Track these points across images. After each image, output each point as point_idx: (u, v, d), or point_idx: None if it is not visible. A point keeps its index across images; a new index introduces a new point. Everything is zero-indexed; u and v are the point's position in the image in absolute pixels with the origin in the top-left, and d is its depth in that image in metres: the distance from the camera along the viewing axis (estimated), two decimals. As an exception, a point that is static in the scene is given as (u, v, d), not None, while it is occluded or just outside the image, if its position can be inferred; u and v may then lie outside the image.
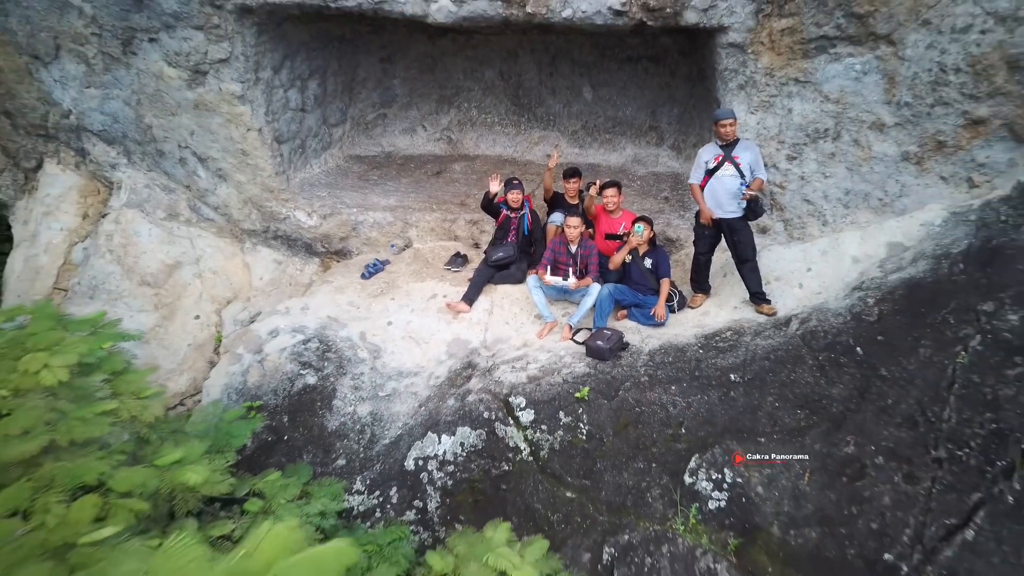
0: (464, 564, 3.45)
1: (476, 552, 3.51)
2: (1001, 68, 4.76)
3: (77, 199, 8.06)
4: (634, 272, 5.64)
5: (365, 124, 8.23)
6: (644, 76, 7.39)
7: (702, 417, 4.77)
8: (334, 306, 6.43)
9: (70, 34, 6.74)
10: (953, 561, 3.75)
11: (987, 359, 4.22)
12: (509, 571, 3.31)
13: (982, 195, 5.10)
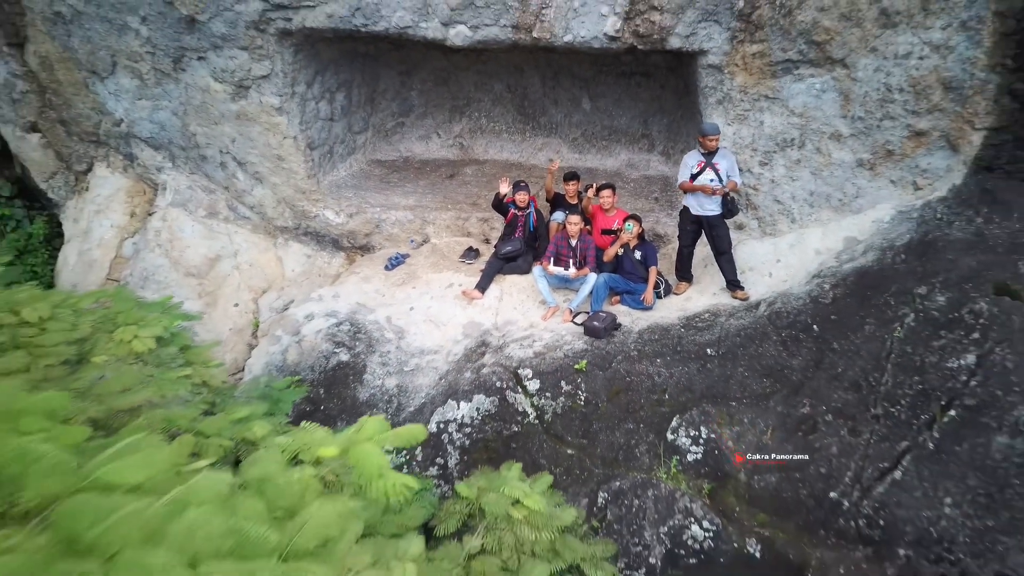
0: (485, 494, 4.24)
1: (494, 485, 4.30)
2: (937, 88, 5.54)
3: (125, 199, 8.85)
4: (626, 263, 6.43)
5: (385, 131, 9.02)
6: (637, 89, 8.19)
7: (683, 385, 5.57)
8: (362, 294, 7.21)
9: (126, 52, 7.52)
10: (884, 496, 4.54)
11: (918, 333, 5.01)
12: (521, 498, 4.09)
13: (924, 196, 5.88)
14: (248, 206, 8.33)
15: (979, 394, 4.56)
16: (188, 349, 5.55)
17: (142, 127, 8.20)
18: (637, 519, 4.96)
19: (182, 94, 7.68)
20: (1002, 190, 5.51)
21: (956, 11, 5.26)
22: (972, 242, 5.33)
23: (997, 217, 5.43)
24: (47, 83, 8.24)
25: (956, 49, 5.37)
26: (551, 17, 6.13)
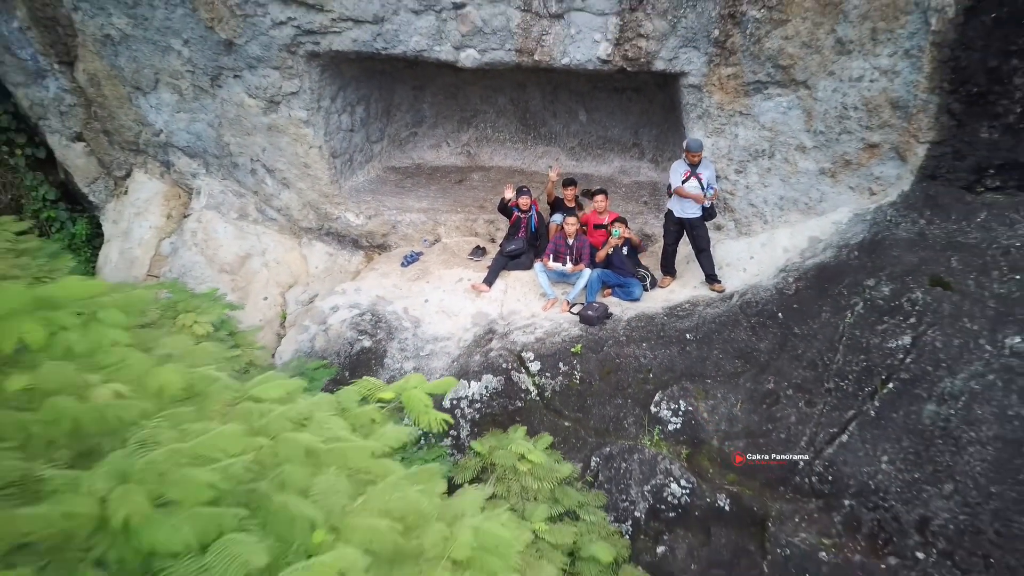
0: (495, 450, 5.02)
1: (503, 443, 5.09)
2: (886, 107, 6.31)
3: (162, 202, 9.62)
4: (615, 260, 7.20)
5: (400, 140, 9.80)
6: (628, 103, 8.95)
7: (665, 365, 6.34)
8: (381, 288, 7.98)
9: (168, 70, 8.29)
10: (833, 456, 5.31)
11: (866, 319, 5.78)
12: (525, 453, 4.87)
13: (877, 200, 6.65)
14: (275, 209, 9.10)
15: (913, 370, 5.34)
16: (235, 334, 6.35)
17: (179, 137, 8.97)
18: (624, 479, 5.73)
19: (218, 108, 8.44)
20: (942, 196, 6.28)
21: (900, 41, 6.02)
22: (915, 241, 6.10)
23: (937, 219, 6.20)
24: (94, 97, 8.99)
25: (901, 74, 6.13)
26: (550, 42, 6.90)
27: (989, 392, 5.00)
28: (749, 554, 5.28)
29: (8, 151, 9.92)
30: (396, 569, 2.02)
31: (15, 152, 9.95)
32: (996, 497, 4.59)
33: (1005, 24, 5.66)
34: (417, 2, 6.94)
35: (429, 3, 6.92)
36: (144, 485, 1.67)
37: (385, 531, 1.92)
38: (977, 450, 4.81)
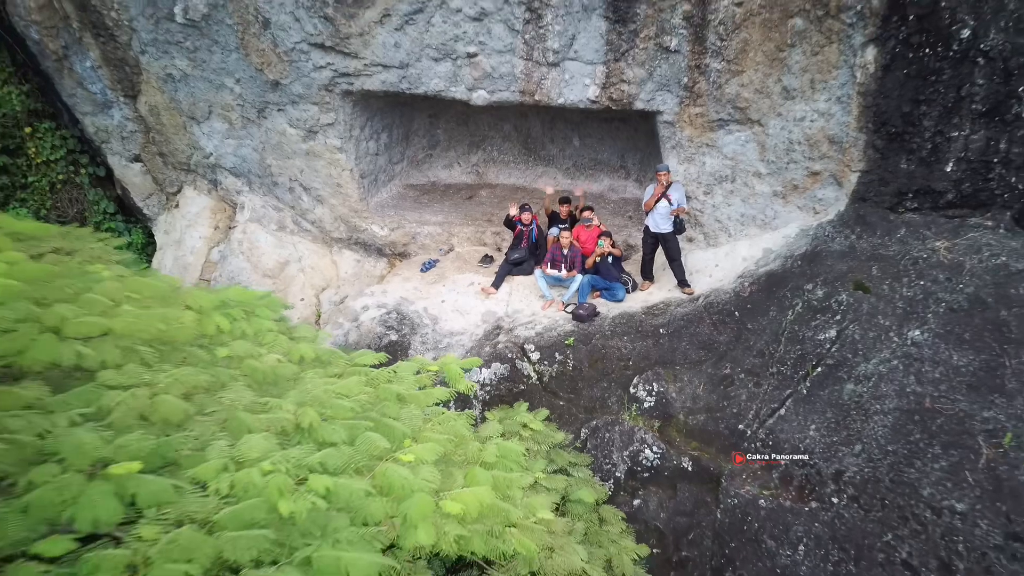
0: (503, 420, 6.27)
1: (509, 415, 6.35)
2: (824, 142, 7.56)
3: (210, 216, 10.88)
4: (603, 267, 8.45)
5: (417, 162, 11.06)
6: (616, 131, 10.21)
7: (642, 354, 7.59)
8: (404, 290, 9.23)
9: (221, 104, 9.55)
10: (773, 426, 6.56)
11: (803, 316, 7.04)
12: (528, 423, 6.13)
13: (819, 218, 7.90)
14: (310, 221, 10.36)
15: (836, 357, 6.60)
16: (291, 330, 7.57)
17: (227, 159, 10.23)
18: (608, 446, 6.99)
19: (262, 136, 9.70)
20: (870, 215, 7.53)
21: (833, 90, 7.27)
22: (846, 252, 7.36)
23: (865, 235, 7.45)
24: (153, 125, 10.26)
25: (835, 116, 7.38)
26: (548, 86, 8.16)
27: (893, 374, 6.26)
28: (706, 504, 6.53)
29: (74, 170, 11.19)
30: (450, 467, 3.28)
31: (80, 171, 11.22)
32: (892, 454, 5.85)
33: (914, 79, 6.91)
34: (437, 51, 8.20)
35: (446, 52, 8.18)
36: (314, 408, 2.93)
37: (444, 441, 3.18)
38: (880, 419, 6.07)
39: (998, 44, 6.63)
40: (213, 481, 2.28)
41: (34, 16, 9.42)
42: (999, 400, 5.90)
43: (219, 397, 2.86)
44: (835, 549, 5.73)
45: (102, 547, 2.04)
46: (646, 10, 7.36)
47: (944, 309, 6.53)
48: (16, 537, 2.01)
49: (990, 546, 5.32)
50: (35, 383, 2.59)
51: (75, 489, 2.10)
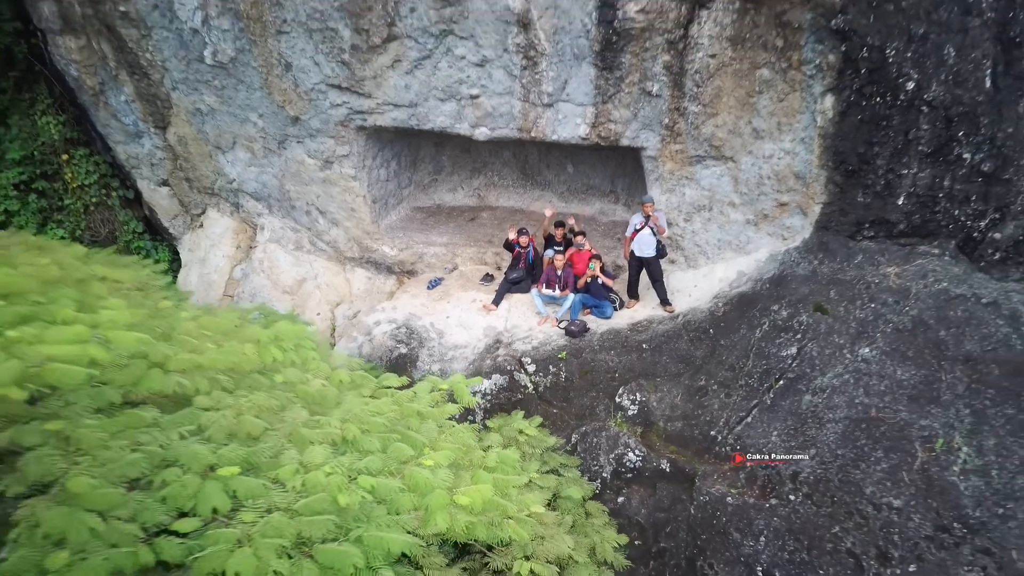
0: (502, 427, 7.09)
1: (507, 423, 7.16)
2: (790, 177, 8.39)
3: (232, 236, 11.70)
4: (593, 287, 9.27)
5: (423, 186, 11.89)
6: (606, 159, 11.03)
7: (627, 367, 8.41)
8: (412, 306, 10.04)
9: (245, 135, 10.38)
10: (741, 432, 7.37)
11: (769, 334, 7.86)
12: (524, 429, 6.95)
13: (787, 245, 8.72)
14: (325, 242, 11.18)
15: (797, 371, 7.42)
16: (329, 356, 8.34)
17: (249, 185, 11.06)
18: (595, 450, 7.80)
19: (282, 164, 10.53)
20: (832, 242, 8.36)
21: (797, 131, 8.10)
22: (808, 277, 8.18)
23: (827, 260, 8.28)
24: (180, 153, 11.09)
25: (799, 154, 8.21)
26: (543, 124, 8.99)
27: (844, 387, 7.08)
28: (682, 501, 7.35)
29: (106, 193, 12.02)
30: (459, 470, 4.10)
31: (111, 194, 12.05)
32: (841, 457, 6.67)
33: (867, 123, 7.73)
34: (443, 92, 9.03)
35: (452, 93, 9.01)
36: (355, 423, 3.75)
37: (455, 449, 4.01)
38: (832, 426, 6.89)
39: (939, 95, 7.47)
40: (290, 480, 3.11)
41: (74, 56, 10.26)
42: (935, 410, 6.73)
43: (282, 416, 3.68)
44: (791, 540, 6.55)
45: (217, 527, 2.86)
46: (630, 59, 8.18)
47: (891, 329, 7.36)
48: (159, 520, 2.83)
49: (922, 536, 6.15)
50: (149, 407, 3.42)
51: (195, 486, 2.92)
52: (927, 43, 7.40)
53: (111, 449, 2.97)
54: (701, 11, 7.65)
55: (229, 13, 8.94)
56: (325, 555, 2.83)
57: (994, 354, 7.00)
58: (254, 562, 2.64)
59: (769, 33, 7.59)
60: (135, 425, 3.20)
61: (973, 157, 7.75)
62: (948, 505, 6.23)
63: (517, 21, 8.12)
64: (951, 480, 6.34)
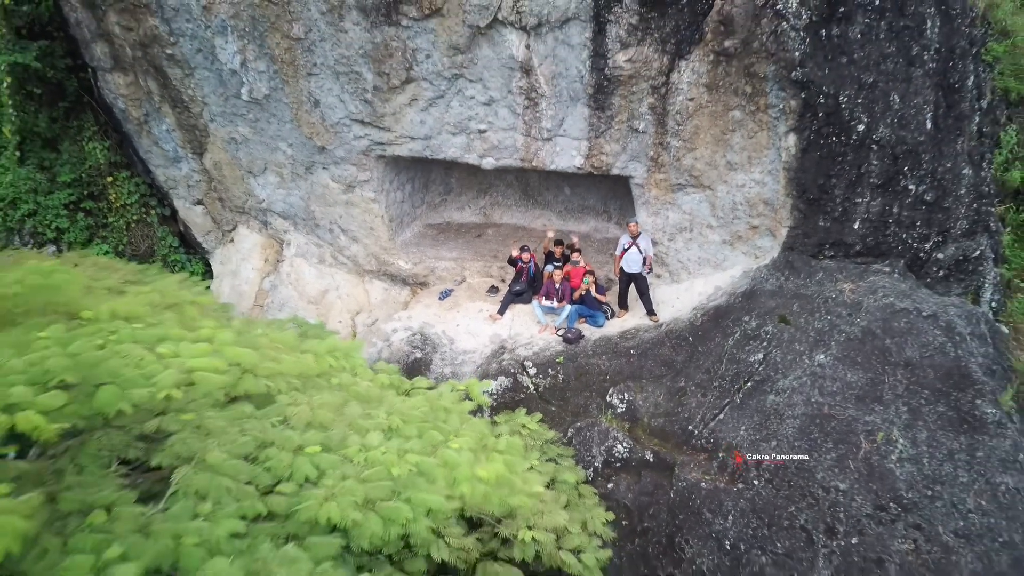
0: (507, 422, 8.14)
1: (511, 419, 8.22)
2: (760, 204, 9.45)
3: (260, 251, 12.77)
4: (587, 299, 10.34)
5: (434, 205, 12.97)
6: (600, 183, 12.10)
7: (616, 370, 9.47)
8: (426, 316, 11.11)
9: (275, 162, 11.45)
10: (714, 427, 8.43)
11: (740, 342, 8.92)
12: (526, 423, 8.00)
13: (759, 263, 9.78)
14: (346, 256, 12.25)
15: (762, 374, 8.49)
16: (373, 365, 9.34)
17: (277, 205, 12.13)
18: (588, 442, 8.86)
19: (308, 187, 11.60)
20: (796, 261, 9.42)
21: (765, 164, 9.16)
22: (775, 292, 9.25)
23: (792, 277, 9.34)
24: (215, 176, 12.16)
25: (768, 184, 9.27)
26: (543, 155, 10.07)
27: (802, 388, 8.14)
28: (663, 486, 8.40)
29: (145, 211, 13.09)
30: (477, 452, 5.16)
31: (150, 212, 13.11)
32: (796, 448, 7.73)
33: (825, 159, 8.80)
34: (454, 127, 10.10)
35: (462, 128, 10.09)
36: (397, 416, 4.82)
37: (474, 436, 5.07)
38: (791, 421, 7.95)
39: (886, 135, 8.55)
40: (355, 457, 4.17)
41: (122, 91, 11.34)
42: (878, 408, 7.80)
43: (342, 410, 4.75)
44: (754, 518, 7.60)
45: (309, 489, 3.92)
46: (619, 101, 9.26)
47: (844, 338, 8.43)
48: (266, 485, 3.90)
49: (863, 514, 7.21)
50: (245, 403, 4.49)
51: (289, 460, 3.99)
52: (875, 91, 8.49)
53: (228, 434, 4.04)
54: (680, 61, 8.72)
55: (265, 57, 10.01)
56: (384, 510, 3.89)
57: (931, 360, 8.07)
58: (338, 512, 3.69)
59: (739, 81, 8.66)
60: (239, 417, 4.27)
61: (917, 188, 8.84)
62: (886, 488, 7.30)
63: (520, 67, 9.20)
64: (889, 467, 7.40)
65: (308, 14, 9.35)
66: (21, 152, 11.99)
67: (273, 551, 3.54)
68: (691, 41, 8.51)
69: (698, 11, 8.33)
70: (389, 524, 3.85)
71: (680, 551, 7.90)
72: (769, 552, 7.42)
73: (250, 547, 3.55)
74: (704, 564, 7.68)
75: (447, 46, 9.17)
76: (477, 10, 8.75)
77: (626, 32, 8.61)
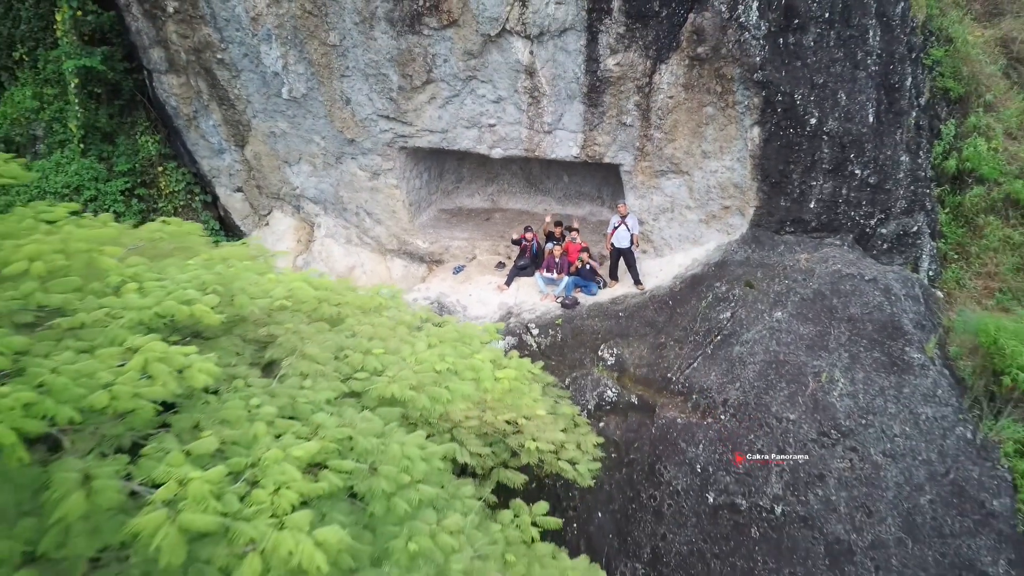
0: (515, 368, 9.56)
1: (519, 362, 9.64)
2: (731, 187, 10.86)
3: (294, 233, 14.19)
4: (583, 271, 11.76)
5: (447, 191, 14.40)
6: (594, 171, 13.51)
7: (607, 330, 10.89)
8: (442, 288, 12.52)
9: (308, 152, 12.86)
10: (689, 374, 9.85)
11: (712, 304, 10.35)
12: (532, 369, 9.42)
13: (730, 238, 11.20)
14: (371, 237, 13.67)
15: (730, 329, 9.91)
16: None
17: (309, 192, 13.55)
18: (583, 389, 10.28)
19: (338, 175, 13.01)
20: (761, 236, 10.84)
21: (734, 153, 10.57)
22: (743, 262, 10.67)
23: (758, 250, 10.76)
24: (254, 166, 13.57)
25: (736, 170, 10.68)
26: (544, 146, 11.48)
27: (762, 340, 9.57)
28: (646, 424, 9.82)
29: (190, 197, 14.49)
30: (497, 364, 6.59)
31: (195, 198, 14.52)
32: (755, 388, 9.15)
33: (784, 148, 10.22)
34: (467, 122, 11.52)
35: (474, 123, 11.50)
36: (435, 337, 6.25)
37: (492, 356, 6.50)
38: (752, 367, 9.37)
39: (835, 128, 9.97)
40: (408, 358, 5.60)
41: (175, 90, 12.76)
42: (823, 354, 9.23)
43: (395, 330, 6.18)
44: (720, 446, 9.03)
45: (375, 376, 5.35)
46: (610, 99, 10.67)
47: (798, 299, 9.85)
48: (346, 374, 5.34)
49: (809, 439, 8.65)
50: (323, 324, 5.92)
51: (361, 359, 5.43)
52: (826, 90, 9.91)
53: (316, 339, 5.47)
54: (661, 65, 10.14)
55: (304, 61, 11.43)
56: (430, 391, 5.31)
57: (870, 316, 9.50)
58: (399, 391, 5.12)
59: (711, 82, 10.07)
60: (321, 330, 5.71)
61: (862, 173, 10.27)
62: (828, 418, 8.73)
63: (525, 70, 10.61)
64: (831, 401, 8.84)
65: (343, 24, 10.76)
66: (84, 145, 13.39)
67: (355, 414, 4.96)
68: (669, 48, 9.92)
69: (675, 23, 9.73)
70: (434, 401, 5.28)
71: (660, 476, 9.34)
72: (732, 472, 8.86)
73: (339, 411, 4.97)
74: (679, 484, 9.12)
75: (462, 52, 10.58)
76: (488, 22, 10.16)
77: (615, 40, 10.02)
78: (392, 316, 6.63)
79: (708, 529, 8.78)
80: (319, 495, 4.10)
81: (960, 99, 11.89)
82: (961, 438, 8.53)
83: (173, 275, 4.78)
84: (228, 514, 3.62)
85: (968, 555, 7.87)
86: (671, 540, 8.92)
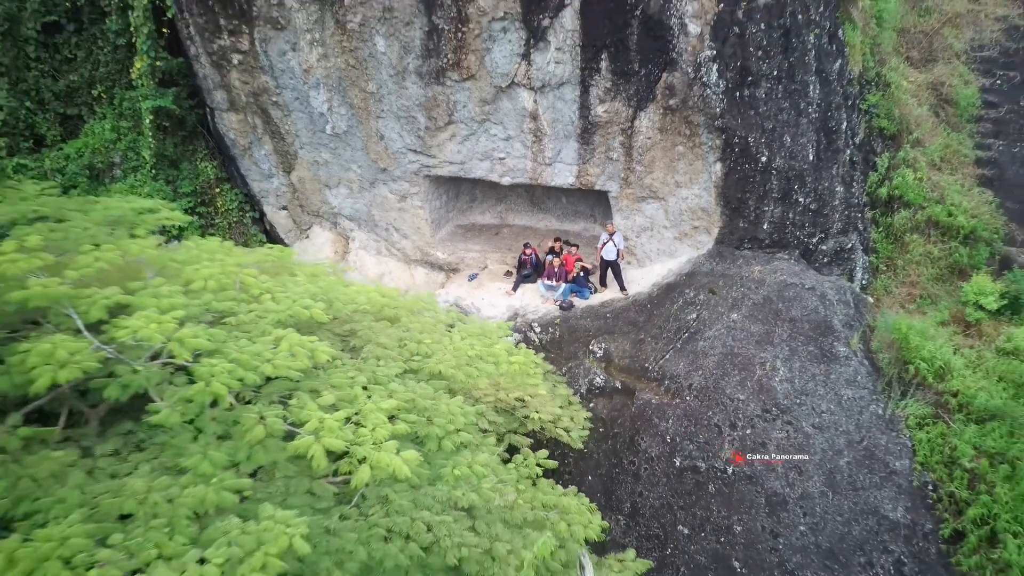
0: (522, 359, 11.63)
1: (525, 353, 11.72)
2: (699, 211, 12.92)
3: (331, 245, 16.27)
4: (578, 280, 13.82)
5: (462, 210, 16.49)
6: (587, 195, 15.56)
7: (597, 328, 12.96)
8: (459, 292, 14.59)
9: (346, 178, 14.95)
10: (664, 363, 11.91)
11: (682, 307, 12.43)
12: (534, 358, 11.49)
13: (699, 252, 13.26)
14: (397, 249, 15.76)
15: (695, 327, 11.98)
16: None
17: (346, 210, 15.63)
18: (576, 376, 12.34)
19: (371, 197, 15.10)
20: (724, 252, 12.91)
21: (702, 184, 12.62)
22: (708, 272, 12.74)
23: (721, 263, 12.83)
24: (299, 188, 15.66)
25: (703, 197, 12.74)
26: (545, 176, 13.56)
27: (720, 336, 11.63)
28: (627, 404, 11.89)
29: (242, 214, 16.58)
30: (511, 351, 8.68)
31: (245, 216, 16.61)
32: (714, 375, 11.23)
33: (741, 180, 12.29)
34: (481, 155, 13.61)
35: (487, 156, 13.60)
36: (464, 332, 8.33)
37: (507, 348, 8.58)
38: (712, 358, 11.45)
39: (782, 165, 12.04)
40: (448, 347, 7.69)
41: (234, 126, 14.86)
42: (769, 348, 11.30)
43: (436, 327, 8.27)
44: (685, 420, 11.10)
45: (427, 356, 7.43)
46: (599, 139, 12.75)
47: (751, 303, 11.92)
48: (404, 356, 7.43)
49: (755, 415, 10.73)
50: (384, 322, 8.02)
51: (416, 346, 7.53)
52: (774, 133, 11.98)
53: (383, 332, 7.56)
54: (640, 113, 12.21)
55: (345, 104, 13.53)
56: (464, 370, 7.39)
57: (807, 317, 11.58)
58: (444, 369, 7.19)
59: (681, 127, 12.15)
60: (385, 327, 7.79)
61: (805, 200, 12.33)
62: (770, 398, 10.80)
63: (530, 115, 12.70)
64: (773, 385, 10.91)
65: (380, 76, 12.85)
66: (155, 170, 15.48)
67: (415, 384, 7.04)
68: (647, 99, 11.99)
69: (651, 80, 11.81)
70: (469, 377, 7.36)
71: (638, 445, 11.41)
72: (694, 441, 10.93)
73: (404, 382, 7.05)
74: (653, 452, 11.19)
75: (478, 100, 12.67)
76: (500, 76, 12.25)
77: (603, 92, 12.10)
78: (432, 316, 8.70)
79: (675, 487, 10.85)
80: (397, 435, 6.18)
81: (894, 136, 13.98)
82: (874, 414, 10.60)
83: (292, 288, 6.86)
84: (348, 441, 5.70)
85: (874, 503, 9.93)
86: (646, 496, 10.99)
